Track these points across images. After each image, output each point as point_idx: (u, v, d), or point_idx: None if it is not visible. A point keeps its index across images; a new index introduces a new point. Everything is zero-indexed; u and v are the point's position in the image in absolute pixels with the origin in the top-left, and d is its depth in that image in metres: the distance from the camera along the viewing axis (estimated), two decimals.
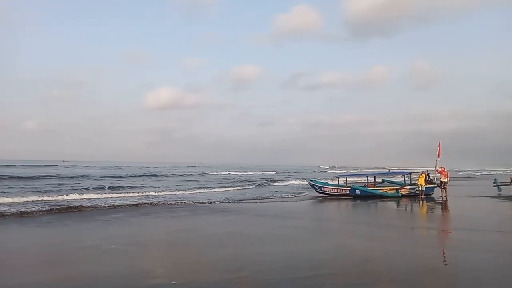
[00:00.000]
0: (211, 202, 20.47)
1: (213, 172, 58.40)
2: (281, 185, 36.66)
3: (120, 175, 41.88)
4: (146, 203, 19.27)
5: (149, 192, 25.15)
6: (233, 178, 46.97)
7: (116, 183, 31.44)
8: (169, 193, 25.42)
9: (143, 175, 44.59)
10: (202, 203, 20.08)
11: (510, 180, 24.31)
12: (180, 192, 26.39)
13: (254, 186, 35.16)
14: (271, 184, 38.46)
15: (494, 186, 27.90)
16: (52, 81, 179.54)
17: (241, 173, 57.05)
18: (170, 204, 19.49)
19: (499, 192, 25.26)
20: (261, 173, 61.17)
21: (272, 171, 67.30)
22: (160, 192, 25.48)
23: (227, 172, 58.41)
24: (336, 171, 69.49)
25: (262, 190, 30.62)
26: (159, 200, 21.10)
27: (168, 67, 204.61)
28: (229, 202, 20.88)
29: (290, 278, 6.72)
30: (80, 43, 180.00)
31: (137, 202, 19.47)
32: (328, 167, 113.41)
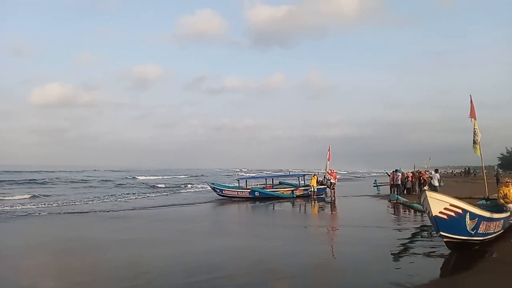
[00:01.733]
0: (109, 211, 19.12)
1: (115, 177, 53.84)
2: (188, 190, 35.93)
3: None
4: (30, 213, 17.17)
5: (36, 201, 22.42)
6: (139, 182, 44.49)
7: None
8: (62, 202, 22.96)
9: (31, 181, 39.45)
10: (102, 211, 18.62)
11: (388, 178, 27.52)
12: (80, 201, 23.72)
13: (159, 191, 33.80)
14: (179, 189, 37.28)
15: (374, 186, 31.36)
16: None
17: (147, 177, 54.30)
18: (64, 213, 17.66)
19: (378, 192, 28.50)
20: (170, 177, 58.98)
21: (184, 175, 65.35)
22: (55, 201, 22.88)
23: (132, 177, 54.96)
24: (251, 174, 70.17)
25: (168, 195, 29.69)
26: (49, 209, 18.97)
27: (59, 62, 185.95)
28: (131, 210, 19.74)
29: (189, 282, 6.60)
30: None
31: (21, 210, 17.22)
32: (239, 169, 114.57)
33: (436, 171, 25.04)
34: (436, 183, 22.56)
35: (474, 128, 12.09)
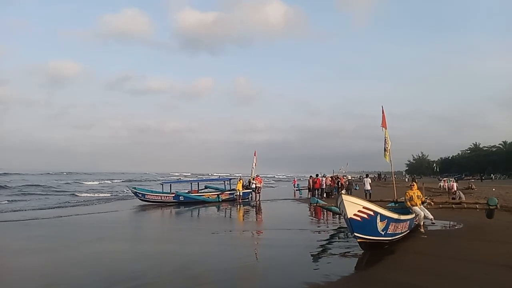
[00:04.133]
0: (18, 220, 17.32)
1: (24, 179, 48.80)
2: (107, 195, 33.98)
3: None
4: None
5: None
6: (49, 187, 40.72)
7: None
8: None
9: None
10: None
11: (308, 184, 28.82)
12: None
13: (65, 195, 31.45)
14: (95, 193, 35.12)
15: (296, 190, 32.66)
16: None
17: (58, 180, 50.16)
18: None
19: (300, 195, 29.73)
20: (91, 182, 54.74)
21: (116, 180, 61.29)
22: None
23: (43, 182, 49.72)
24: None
25: (78, 200, 27.77)
26: None
27: None
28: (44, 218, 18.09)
29: None
30: None
31: None
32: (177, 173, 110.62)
33: (367, 175, 27.21)
34: (368, 187, 24.26)
35: (385, 137, 13.26)
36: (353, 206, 8.10)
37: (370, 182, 25.91)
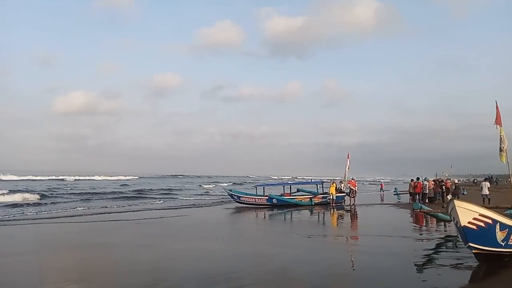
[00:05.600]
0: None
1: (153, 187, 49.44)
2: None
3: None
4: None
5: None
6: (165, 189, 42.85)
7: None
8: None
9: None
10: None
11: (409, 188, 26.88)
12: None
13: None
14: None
15: (394, 194, 30.72)
16: None
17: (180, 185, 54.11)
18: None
19: (399, 200, 27.86)
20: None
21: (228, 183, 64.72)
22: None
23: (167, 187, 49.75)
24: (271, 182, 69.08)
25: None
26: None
27: (82, 72, 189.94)
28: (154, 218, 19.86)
29: None
30: None
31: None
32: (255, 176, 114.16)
33: (486, 179, 24.45)
34: (486, 191, 21.86)
35: (500, 135, 11.64)
36: (467, 213, 7.20)
37: (489, 186, 23.14)
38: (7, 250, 10.42)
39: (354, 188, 25.50)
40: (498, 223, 7.44)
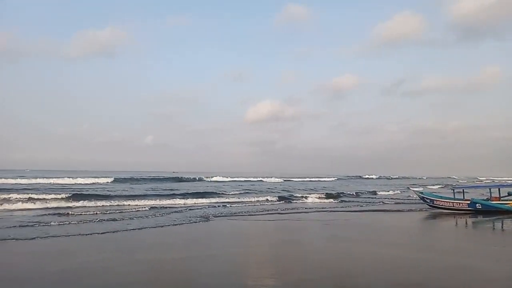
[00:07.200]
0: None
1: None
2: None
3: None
4: None
5: None
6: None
7: None
8: None
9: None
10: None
11: None
12: None
13: None
14: None
15: None
16: (164, 99, 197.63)
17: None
18: None
19: None
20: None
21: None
22: None
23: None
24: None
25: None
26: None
27: (267, 82, 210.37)
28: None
29: None
30: (185, 65, 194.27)
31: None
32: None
33: None
34: None
35: None
36: None
37: None
38: (227, 242, 12.18)
39: None
40: None
